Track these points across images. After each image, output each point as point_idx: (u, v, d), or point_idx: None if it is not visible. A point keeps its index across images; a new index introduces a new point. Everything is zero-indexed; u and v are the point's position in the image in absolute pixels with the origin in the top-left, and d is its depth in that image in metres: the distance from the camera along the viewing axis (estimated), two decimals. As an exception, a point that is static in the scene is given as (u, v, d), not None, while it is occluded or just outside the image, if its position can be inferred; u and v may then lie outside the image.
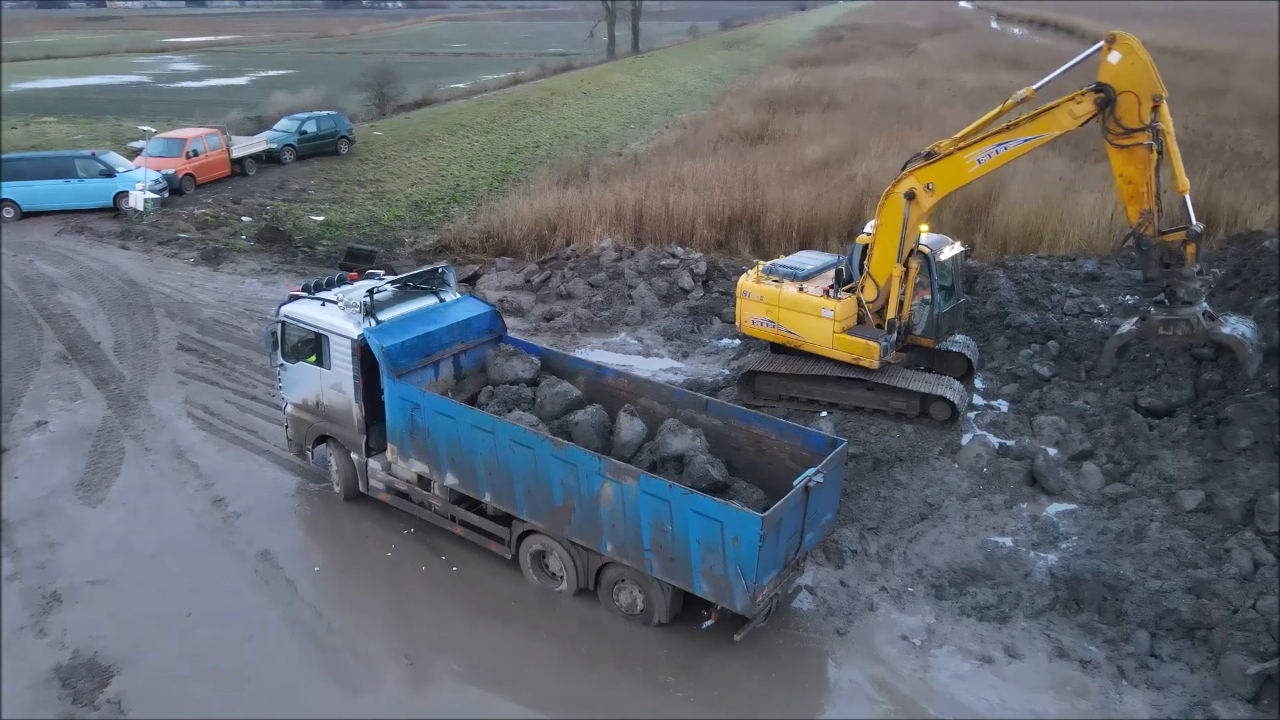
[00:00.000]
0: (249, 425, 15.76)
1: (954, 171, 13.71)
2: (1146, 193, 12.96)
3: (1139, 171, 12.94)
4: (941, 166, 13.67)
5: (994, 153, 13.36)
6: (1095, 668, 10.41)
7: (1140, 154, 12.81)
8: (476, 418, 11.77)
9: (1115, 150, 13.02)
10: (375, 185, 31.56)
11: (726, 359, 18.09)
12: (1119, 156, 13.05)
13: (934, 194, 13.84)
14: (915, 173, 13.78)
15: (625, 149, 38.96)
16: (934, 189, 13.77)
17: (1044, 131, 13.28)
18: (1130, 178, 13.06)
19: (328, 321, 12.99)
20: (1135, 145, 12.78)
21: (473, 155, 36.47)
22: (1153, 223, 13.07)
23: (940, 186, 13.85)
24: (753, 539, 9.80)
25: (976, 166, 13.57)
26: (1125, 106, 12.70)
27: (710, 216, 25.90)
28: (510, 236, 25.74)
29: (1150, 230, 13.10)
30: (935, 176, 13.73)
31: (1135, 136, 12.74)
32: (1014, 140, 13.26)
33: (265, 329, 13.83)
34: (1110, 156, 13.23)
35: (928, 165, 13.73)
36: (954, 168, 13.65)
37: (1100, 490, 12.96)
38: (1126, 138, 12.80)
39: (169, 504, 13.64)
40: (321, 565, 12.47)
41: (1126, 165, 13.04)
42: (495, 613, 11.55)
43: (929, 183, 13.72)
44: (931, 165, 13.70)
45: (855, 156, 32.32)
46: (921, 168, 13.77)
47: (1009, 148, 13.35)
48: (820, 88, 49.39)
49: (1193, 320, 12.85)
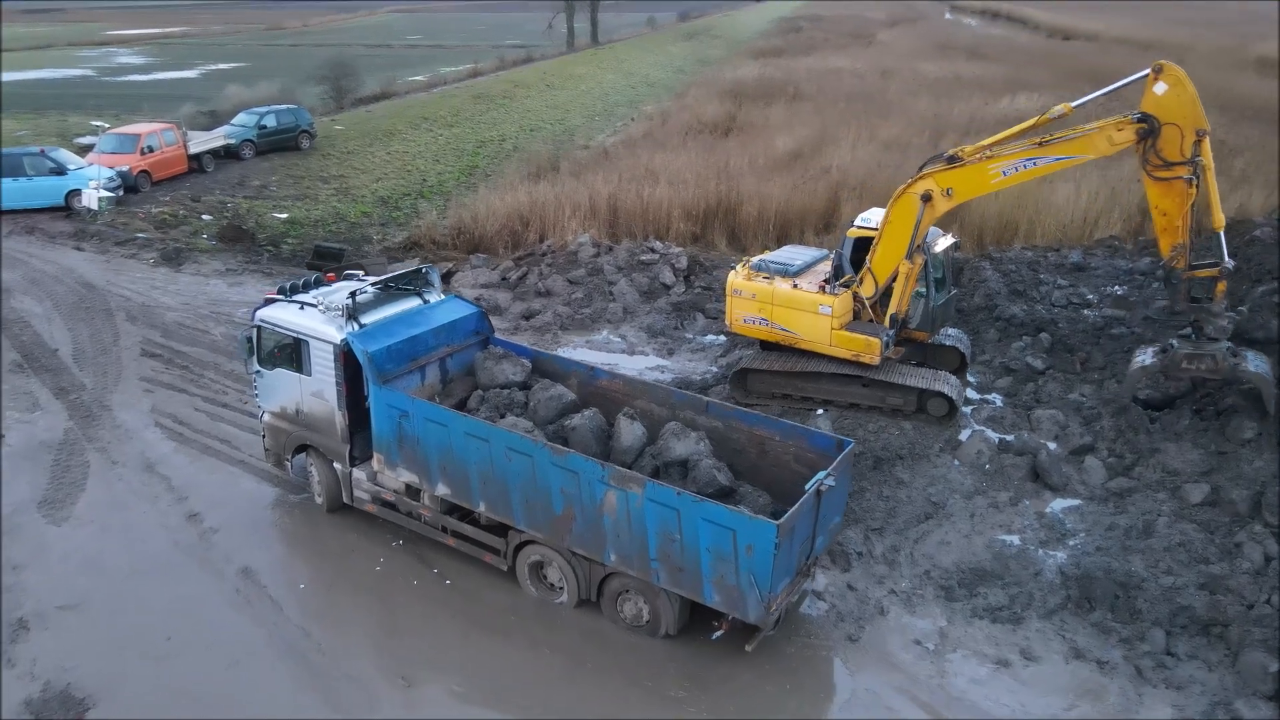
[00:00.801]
0: (221, 434, 15.06)
1: (976, 180, 13.33)
2: (1181, 227, 12.65)
3: (1175, 205, 12.60)
4: (964, 173, 13.26)
5: (1021, 167, 12.98)
6: (1113, 668, 10.21)
7: (1179, 188, 12.48)
8: (470, 425, 11.27)
9: (1153, 182, 12.66)
10: (339, 181, 30.70)
11: (713, 356, 17.72)
12: (1156, 189, 12.69)
13: (951, 200, 13.47)
14: (935, 175, 13.38)
15: (592, 141, 38.44)
16: (952, 195, 13.39)
17: (1078, 154, 12.90)
18: (1166, 210, 12.72)
19: (308, 326, 12.38)
20: (1175, 179, 12.45)
21: (438, 149, 35.69)
22: (1184, 257, 12.78)
23: (959, 193, 13.47)
24: (767, 547, 9.45)
25: (1000, 179, 13.17)
26: (1168, 139, 12.30)
27: (686, 210, 25.52)
28: (482, 232, 25.13)
29: (1182, 264, 12.81)
30: (955, 182, 13.33)
31: (1175, 170, 12.37)
32: (1045, 158, 12.86)
33: (240, 334, 13.17)
34: (1147, 187, 12.87)
35: (949, 170, 13.32)
36: (977, 176, 13.26)
37: (1104, 485, 12.81)
38: (1166, 170, 12.43)
39: (140, 520, 12.95)
40: (307, 582, 11.89)
41: (1163, 198, 12.69)
42: (493, 627, 11.08)
43: (948, 188, 13.32)
44: (953, 170, 13.29)
45: (827, 148, 32.18)
46: (942, 171, 13.38)
47: (1038, 164, 12.97)
48: (784, 79, 49.19)
49: (1218, 356, 12.62)
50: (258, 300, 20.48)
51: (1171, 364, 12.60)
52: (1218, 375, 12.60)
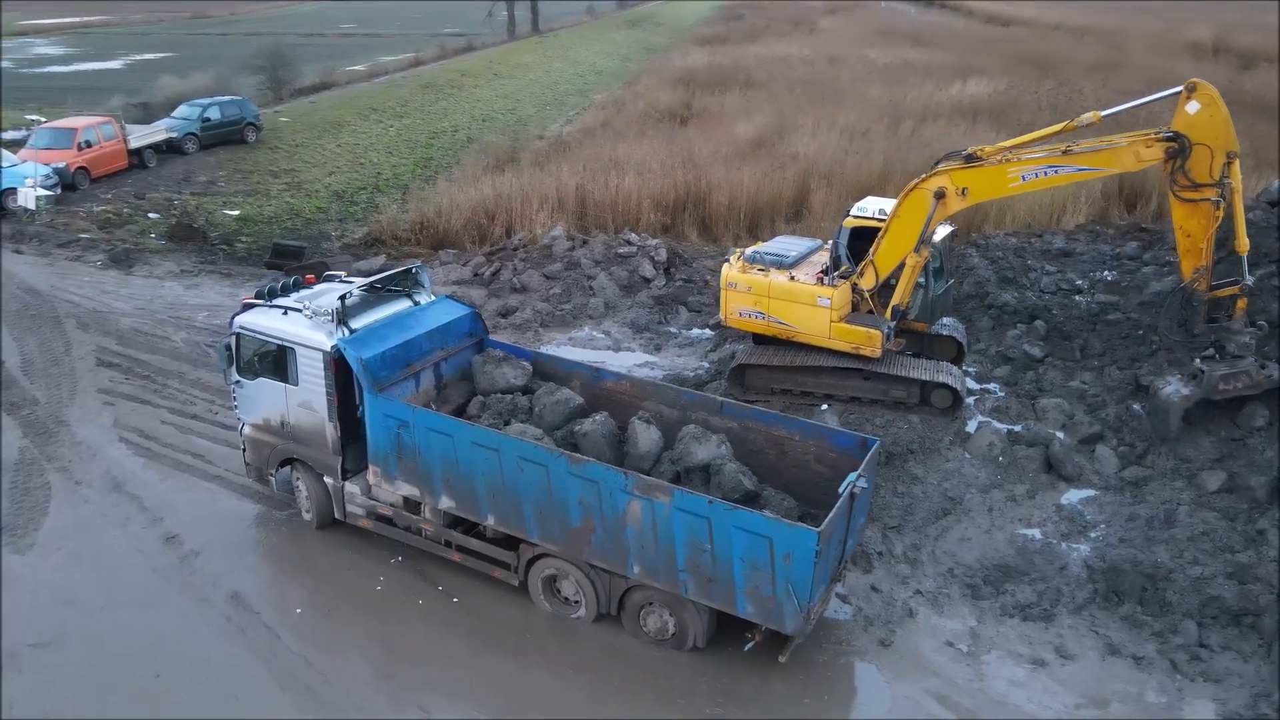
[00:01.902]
0: (193, 448, 14.14)
1: (994, 182, 13.01)
2: (1205, 249, 12.42)
3: (1201, 227, 12.34)
4: (981, 174, 12.91)
5: (1042, 173, 12.67)
6: (1149, 664, 10.06)
7: (1205, 210, 12.19)
8: (477, 434, 10.64)
9: (1179, 203, 12.40)
10: (290, 175, 29.46)
11: (702, 351, 17.28)
12: (1182, 209, 12.40)
13: (966, 199, 13.14)
14: (951, 173, 13.03)
15: (546, 131, 37.67)
16: (968, 194, 13.07)
17: (1103, 166, 12.67)
18: (1190, 231, 12.46)
19: (294, 333, 11.60)
20: (1202, 200, 12.19)
21: (390, 141, 34.56)
22: (1207, 279, 12.62)
23: (975, 193, 13.14)
24: (807, 555, 9.05)
25: (1019, 183, 12.87)
26: (1197, 159, 11.99)
27: (655, 200, 25.02)
28: (447, 227, 24.30)
29: (1203, 286, 12.66)
30: (972, 182, 12.99)
31: (1203, 191, 12.09)
32: (1068, 167, 12.57)
33: (219, 343, 12.30)
34: (1172, 207, 12.59)
35: (967, 169, 12.97)
36: (995, 178, 12.93)
37: (1118, 474, 12.70)
38: (1194, 191, 12.14)
39: (113, 545, 12.05)
40: (303, 606, 11.13)
41: (1188, 219, 12.41)
42: (508, 647, 10.50)
43: (964, 187, 12.98)
44: (971, 170, 12.94)
45: (787, 135, 31.95)
46: (959, 170, 13.02)
47: (1060, 172, 12.69)
48: (734, 66, 48.90)
49: (1251, 371, 12.47)
50: (218, 303, 19.63)
51: (1209, 387, 12.43)
52: (1257, 389, 12.48)
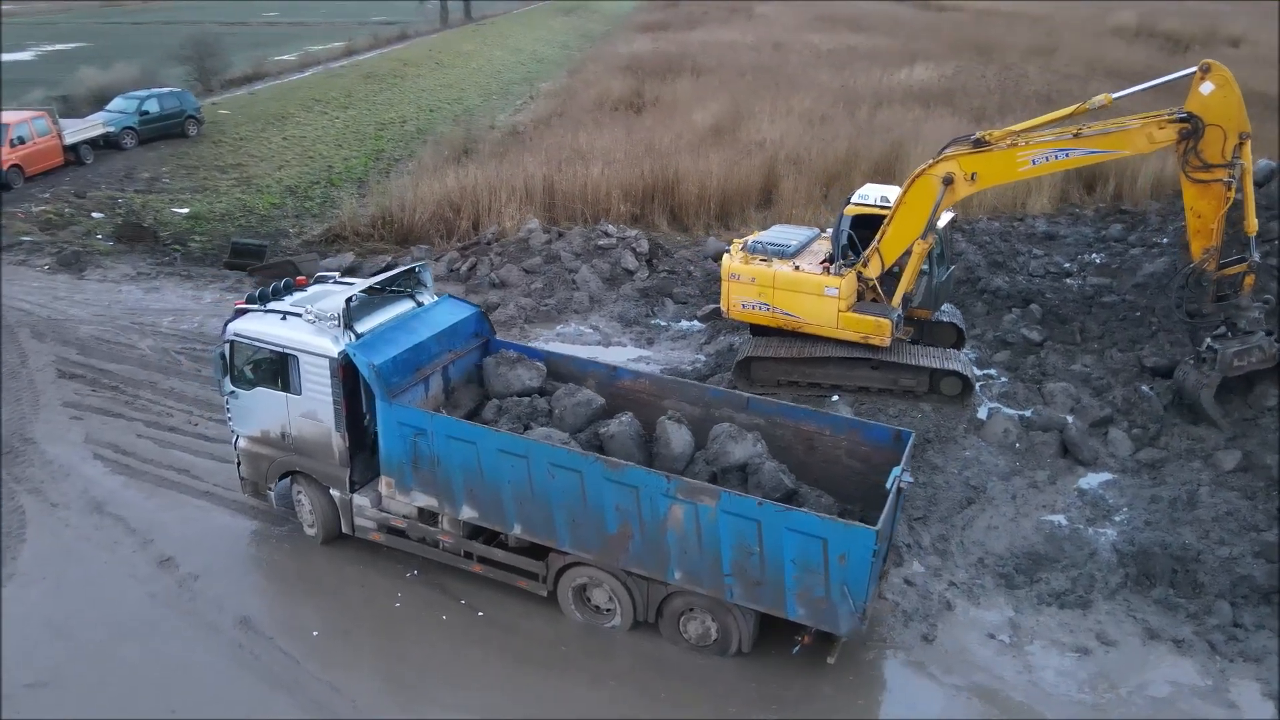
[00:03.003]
0: (176, 463, 13.32)
1: (1003, 166, 12.94)
2: (1216, 230, 12.53)
3: (1212, 208, 12.44)
4: (990, 158, 12.83)
5: (1053, 157, 12.63)
6: (1190, 646, 10.09)
7: (1216, 190, 12.30)
8: (504, 440, 10.14)
9: (1190, 183, 12.46)
10: (238, 170, 28.20)
11: (697, 344, 16.96)
12: (1193, 190, 12.49)
13: (974, 184, 13.06)
14: (960, 158, 12.92)
15: (496, 121, 36.88)
16: (976, 180, 12.97)
17: (1114, 149, 12.64)
18: (1201, 212, 12.55)
19: (296, 339, 10.93)
20: (1214, 181, 12.27)
21: (337, 133, 33.40)
22: (1215, 260, 12.72)
23: (984, 178, 13.06)
24: (865, 555, 8.83)
25: (1029, 167, 12.83)
26: (1210, 140, 12.07)
27: (625, 190, 24.59)
28: (412, 221, 23.51)
29: (1212, 266, 12.76)
30: (981, 167, 12.90)
31: (1215, 172, 12.20)
32: (1079, 150, 12.54)
33: (214, 351, 11.53)
34: (1183, 188, 12.65)
35: (975, 154, 12.86)
36: (1004, 162, 12.86)
37: (1133, 456, 12.78)
38: (1205, 172, 12.24)
39: (103, 572, 11.24)
40: (319, 628, 10.50)
41: (1199, 199, 12.51)
42: (543, 661, 10.07)
43: (973, 172, 12.88)
44: (980, 155, 12.84)
45: (745, 122, 31.78)
46: (968, 155, 12.91)
47: (1071, 155, 12.65)
48: (680, 53, 48.58)
49: (1265, 345, 12.66)
50: (182, 307, 18.65)
51: (1224, 365, 12.56)
52: (1270, 363, 12.65)
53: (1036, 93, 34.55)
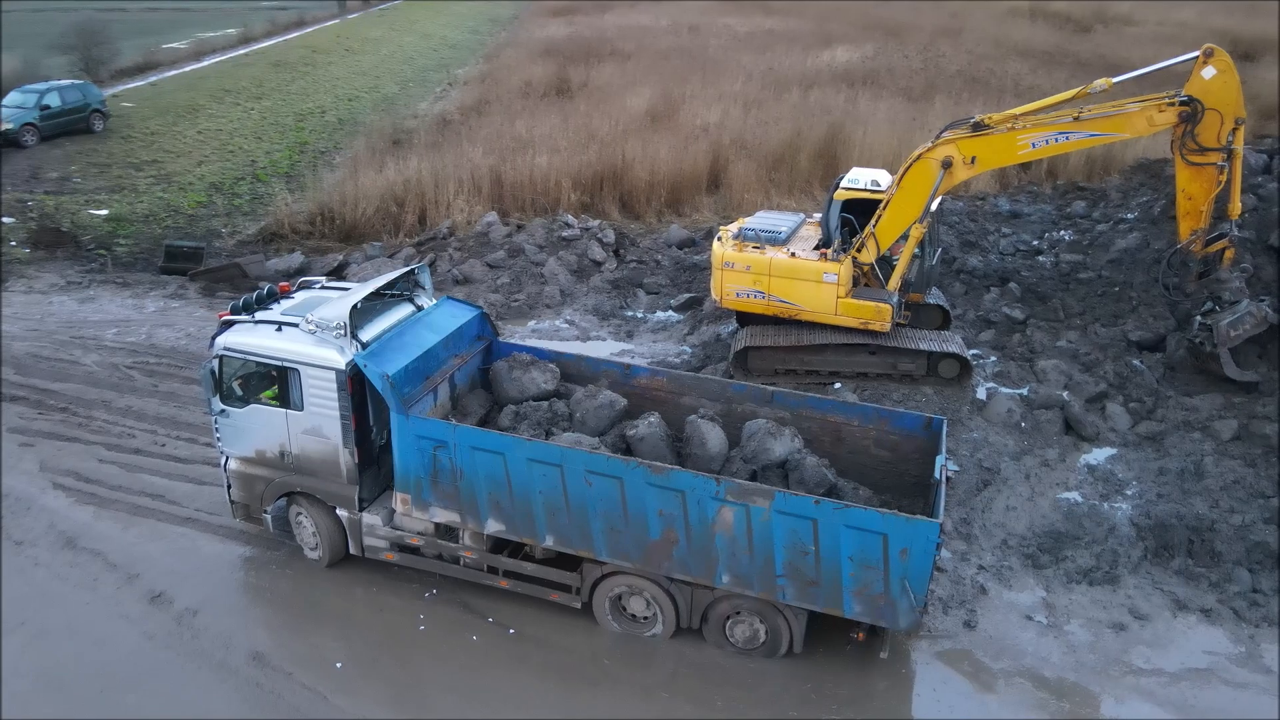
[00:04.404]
0: (149, 488, 12.32)
1: (1003, 150, 13.00)
2: (1205, 212, 12.83)
3: (1203, 191, 12.74)
4: (990, 142, 12.85)
5: (1053, 140, 12.73)
6: (1217, 615, 10.33)
7: (1209, 174, 12.59)
8: (535, 449, 9.63)
9: (1184, 166, 12.72)
10: (155, 167, 26.44)
11: (679, 335, 16.63)
12: (1187, 173, 12.76)
13: (973, 168, 13.10)
14: (959, 142, 12.90)
15: (419, 110, 35.67)
16: (976, 163, 13.00)
17: (1115, 132, 12.76)
18: (1192, 194, 12.85)
19: (297, 351, 10.15)
20: (1208, 165, 12.54)
21: (255, 125, 31.72)
22: (1201, 241, 13.05)
23: (983, 162, 13.11)
24: (927, 549, 8.71)
25: (1029, 150, 12.91)
26: (1208, 124, 12.34)
27: (574, 178, 24.02)
28: (354, 217, 22.43)
29: (1198, 248, 13.09)
30: (980, 151, 12.91)
31: (1209, 156, 12.48)
32: (1079, 133, 12.66)
33: (203, 368, 10.62)
34: (1177, 170, 12.91)
35: (975, 137, 12.86)
36: (1004, 146, 12.91)
37: (1133, 430, 13.05)
38: (1200, 155, 12.52)
39: (88, 614, 10.29)
40: (343, 659, 9.82)
41: (1192, 182, 12.79)
42: (590, 677, 9.67)
43: (972, 156, 12.89)
44: (979, 138, 12.84)
45: (680, 106, 31.48)
46: (967, 138, 12.89)
47: (1071, 139, 12.76)
48: (598, 38, 48.00)
49: (1255, 311, 13.07)
50: (126, 318, 17.33)
51: (1222, 338, 12.92)
52: (1261, 327, 13.06)
53: (961, 72, 35.26)
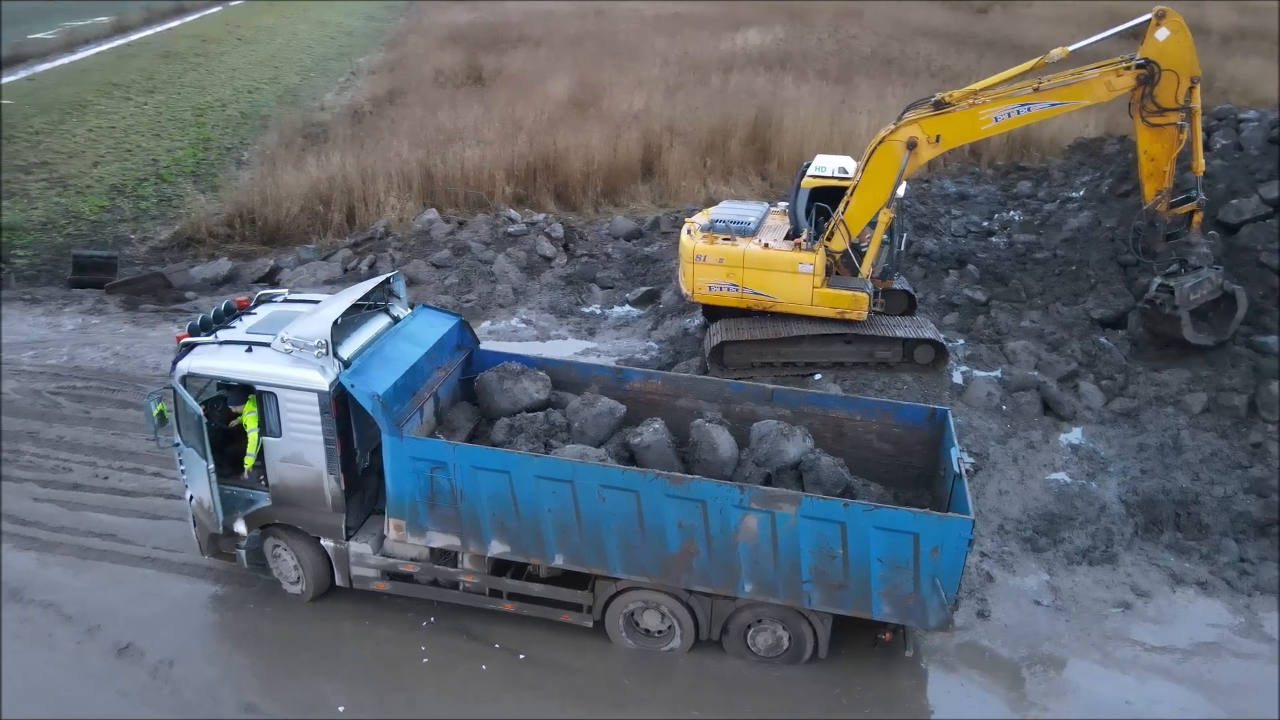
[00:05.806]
0: (95, 527, 11.26)
1: (966, 126, 12.98)
2: (1168, 172, 13.05)
3: (1164, 151, 12.94)
4: (953, 119, 12.82)
5: (1015, 113, 12.76)
6: (1212, 587, 10.60)
7: (1170, 134, 12.77)
8: (542, 466, 9.12)
9: (1145, 127, 12.90)
10: (46, 170, 24.41)
11: (643, 330, 16.21)
12: (1147, 134, 12.94)
13: (938, 147, 13.07)
14: (921, 122, 12.83)
15: (324, 101, 34.12)
16: (940, 141, 12.98)
17: (1075, 99, 12.83)
18: (1154, 155, 13.04)
19: (272, 373, 9.35)
20: (1168, 125, 12.74)
21: (150, 121, 29.71)
22: (1167, 201, 13.28)
23: (948, 139, 13.09)
24: (959, 546, 8.58)
25: (992, 124, 12.92)
26: (1165, 85, 12.49)
27: (507, 170, 23.28)
28: (278, 218, 21.19)
29: (1164, 208, 13.32)
30: (945, 128, 12.87)
31: (1168, 116, 12.66)
32: (1040, 103, 12.72)
33: (147, 398, 9.68)
34: (1138, 132, 13.09)
35: (937, 116, 12.82)
36: (967, 122, 12.89)
37: (1107, 407, 13.29)
38: (1160, 116, 12.69)
39: (49, 673, 9.30)
40: (345, 702, 9.14)
41: (1153, 143, 12.98)
42: (612, 699, 9.25)
43: (936, 135, 12.86)
44: (941, 116, 12.80)
45: (602, 93, 30.94)
46: (929, 117, 12.84)
47: (1032, 110, 12.80)
48: (504, 23, 46.93)
49: (1213, 278, 13.42)
50: (43, 338, 15.89)
51: (1183, 300, 13.23)
52: (1216, 294, 13.44)
53: (874, 54, 35.70)
